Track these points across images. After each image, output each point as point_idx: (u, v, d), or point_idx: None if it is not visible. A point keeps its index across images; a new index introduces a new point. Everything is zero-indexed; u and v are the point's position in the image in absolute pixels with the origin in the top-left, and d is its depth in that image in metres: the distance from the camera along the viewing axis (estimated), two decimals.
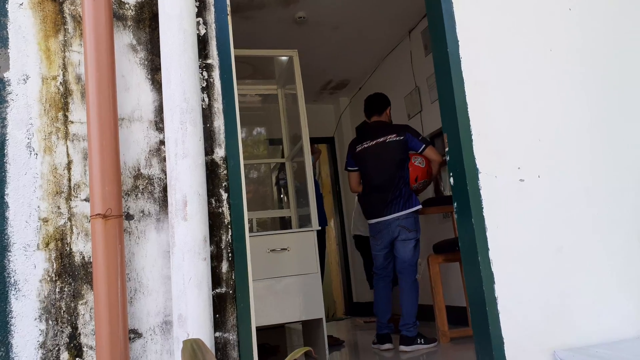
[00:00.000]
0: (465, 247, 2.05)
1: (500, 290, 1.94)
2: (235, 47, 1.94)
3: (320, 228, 3.56)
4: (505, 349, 1.89)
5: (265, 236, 3.25)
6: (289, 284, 3.22)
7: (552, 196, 2.09)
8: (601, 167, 2.17)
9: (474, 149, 2.05)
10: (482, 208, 2.01)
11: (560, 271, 2.04)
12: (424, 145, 3.51)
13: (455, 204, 2.12)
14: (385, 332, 3.59)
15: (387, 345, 3.56)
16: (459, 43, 2.10)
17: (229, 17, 1.91)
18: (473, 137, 2.05)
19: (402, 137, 3.53)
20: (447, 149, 2.15)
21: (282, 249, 3.24)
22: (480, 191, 2.02)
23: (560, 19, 2.26)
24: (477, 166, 2.04)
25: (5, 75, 1.66)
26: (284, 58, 3.91)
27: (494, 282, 1.95)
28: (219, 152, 1.78)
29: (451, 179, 2.13)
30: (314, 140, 3.62)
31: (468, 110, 2.07)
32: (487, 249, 1.97)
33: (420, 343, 3.41)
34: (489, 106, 2.10)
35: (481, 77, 2.09)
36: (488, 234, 1.99)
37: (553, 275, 2.03)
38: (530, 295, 1.98)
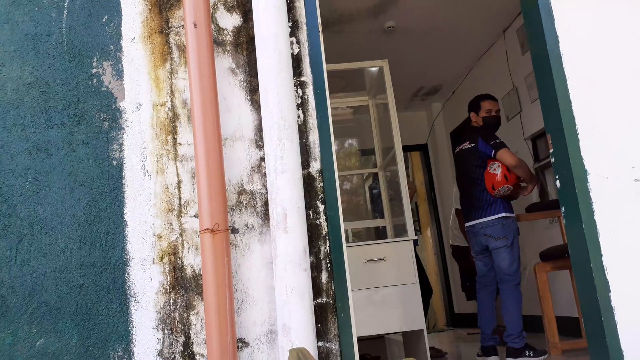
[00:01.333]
0: (576, 254, 1.93)
1: (618, 299, 1.80)
2: (326, 62, 1.99)
3: (416, 237, 3.53)
4: None
5: (362, 246, 3.27)
6: (387, 294, 3.21)
7: None
8: None
9: (581, 148, 1.93)
10: (593, 212, 1.89)
11: None
12: (494, 150, 3.36)
13: (563, 209, 2.01)
14: (489, 344, 3.46)
15: (493, 358, 3.42)
16: (559, 39, 2.00)
17: (321, 34, 1.97)
18: (579, 136, 1.94)
19: (473, 145, 3.45)
20: (551, 150, 2.05)
21: (378, 259, 3.23)
22: (590, 193, 1.90)
23: None
24: (586, 167, 1.92)
25: (121, 104, 1.83)
26: (374, 69, 3.93)
27: (609, 291, 1.82)
28: (315, 166, 1.83)
29: (557, 182, 2.03)
30: (406, 148, 3.60)
31: (572, 108, 1.96)
32: (601, 255, 1.85)
33: (529, 355, 3.24)
34: (595, 103, 1.97)
35: (585, 73, 1.98)
36: (600, 239, 1.86)
37: None
38: None
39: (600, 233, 1.87)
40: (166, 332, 1.70)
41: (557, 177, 2.02)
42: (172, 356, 1.68)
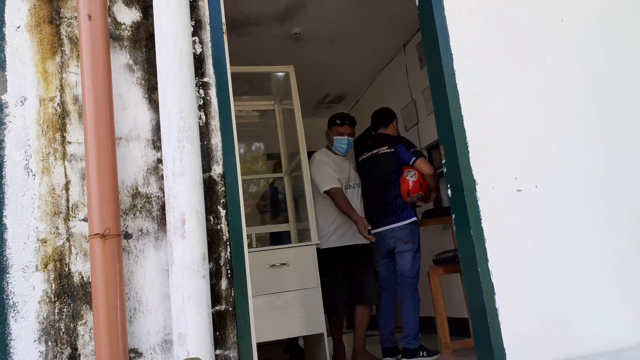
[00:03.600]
0: (465, 258, 2.05)
1: (501, 300, 1.94)
2: (231, 64, 1.96)
3: (319, 242, 3.56)
4: None
5: (265, 252, 3.24)
6: (289, 298, 3.21)
7: (550, 205, 2.09)
8: (599, 175, 2.18)
9: (470, 160, 2.06)
10: (481, 219, 2.01)
11: (560, 280, 2.03)
12: (414, 157, 3.50)
13: (453, 216, 2.12)
14: (387, 346, 3.57)
15: None
16: (453, 56, 2.12)
17: (225, 36, 1.93)
18: (469, 148, 2.07)
19: (393, 150, 3.54)
20: (444, 161, 2.16)
21: (281, 264, 3.23)
22: (478, 202, 2.03)
23: (553, 30, 2.28)
24: (475, 177, 2.04)
25: (2, 97, 1.68)
26: (280, 74, 3.93)
27: (494, 293, 1.94)
28: (217, 169, 1.79)
29: (449, 191, 2.14)
30: (311, 154, 3.64)
31: (464, 122, 2.08)
32: (487, 260, 1.97)
33: (422, 356, 3.39)
34: (485, 118, 2.11)
35: (476, 90, 2.11)
36: (487, 245, 1.99)
37: (553, 284, 2.02)
38: (531, 305, 1.98)
39: (487, 239, 1.99)
40: (50, 344, 1.57)
41: (448, 186, 2.13)
42: None
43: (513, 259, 2.00)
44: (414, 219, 3.49)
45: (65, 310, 1.60)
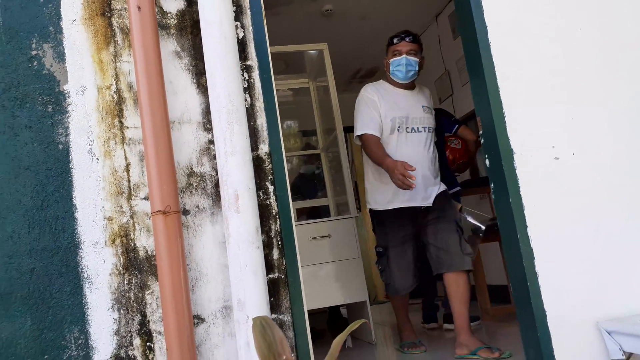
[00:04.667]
0: (504, 225, 2.11)
1: (541, 265, 1.99)
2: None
3: (357, 215, 3.65)
4: (548, 322, 1.95)
5: (307, 225, 3.37)
6: (331, 269, 3.33)
7: (587, 173, 2.12)
8: (638, 142, 2.18)
9: (507, 130, 2.10)
10: (519, 187, 2.06)
11: (600, 244, 2.07)
12: (457, 125, 3.58)
13: (492, 185, 2.18)
14: (430, 313, 3.69)
15: (433, 325, 3.65)
16: (487, 28, 2.14)
17: (264, 18, 2.01)
18: (506, 119, 2.10)
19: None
20: (481, 132, 2.21)
21: (323, 236, 3.34)
22: (516, 171, 2.07)
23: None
24: (512, 147, 2.09)
25: (64, 87, 1.81)
26: (313, 51, 3.99)
27: (534, 258, 2.00)
28: (263, 148, 1.89)
29: (487, 161, 2.19)
30: (347, 130, 3.70)
31: (500, 93, 2.12)
32: (526, 227, 2.02)
33: None
34: (521, 88, 2.14)
35: (511, 59, 2.14)
36: (526, 212, 2.04)
37: (593, 248, 2.07)
38: (571, 268, 2.03)
39: (526, 207, 2.04)
40: (122, 311, 1.72)
41: (486, 156, 2.18)
42: (129, 335, 1.72)
43: (552, 226, 2.05)
44: (458, 187, 3.54)
45: (133, 281, 1.75)
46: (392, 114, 2.86)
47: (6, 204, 1.70)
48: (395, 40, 2.98)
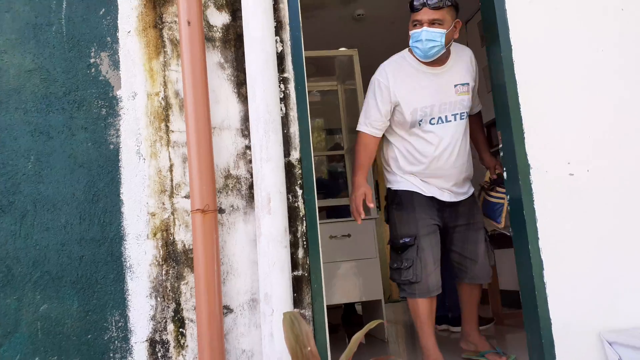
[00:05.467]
0: (517, 236, 2.23)
1: (550, 275, 2.11)
2: None
3: (377, 216, 3.78)
4: (553, 330, 2.07)
5: (327, 224, 3.52)
6: (349, 267, 3.48)
7: (600, 189, 2.22)
8: None
9: (525, 145, 2.21)
10: (533, 201, 2.17)
11: (609, 260, 2.17)
12: None
13: (508, 197, 2.30)
14: (441, 314, 3.81)
15: (444, 326, 3.77)
16: (512, 47, 2.25)
17: (302, 33, 2.16)
18: (525, 134, 2.22)
19: None
20: (500, 145, 2.33)
21: (343, 235, 3.49)
22: (532, 185, 2.18)
23: (613, 19, 2.36)
24: (529, 162, 2.20)
25: (117, 93, 1.99)
26: (344, 56, 4.13)
27: (543, 269, 2.12)
28: (294, 155, 2.05)
29: (505, 174, 2.31)
30: None
31: (520, 109, 2.23)
32: (537, 239, 2.14)
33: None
34: (541, 105, 2.24)
35: (533, 79, 2.25)
36: (539, 224, 2.15)
37: (601, 262, 2.17)
38: (579, 280, 2.13)
39: (538, 219, 2.16)
40: (159, 299, 1.91)
41: (504, 169, 2.31)
42: (164, 320, 1.90)
43: (562, 239, 2.16)
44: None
45: (170, 272, 1.93)
46: (413, 104, 2.38)
47: (62, 197, 1.90)
48: (415, 4, 2.36)
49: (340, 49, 4.05)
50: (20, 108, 1.92)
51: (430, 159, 2.42)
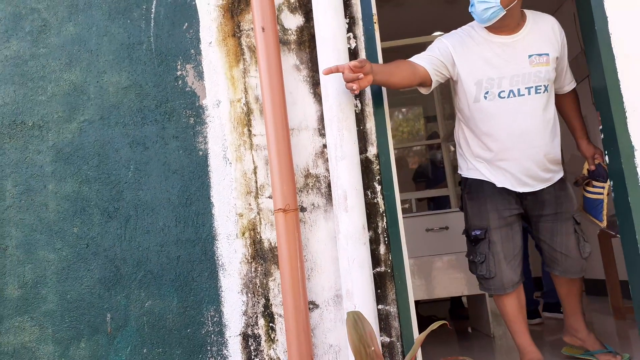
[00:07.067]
0: (623, 225, 2.04)
1: None
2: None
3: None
4: None
5: (422, 217, 3.46)
6: (450, 260, 3.39)
7: None
8: None
9: (628, 126, 2.02)
10: (639, 185, 1.98)
11: None
12: None
13: (611, 182, 2.12)
14: (532, 307, 3.61)
15: (537, 320, 3.57)
16: (608, 19, 2.06)
17: (376, 26, 2.14)
18: (627, 114, 2.03)
19: None
20: (600, 127, 2.14)
21: (440, 228, 3.41)
22: (637, 169, 1.99)
23: None
24: (633, 143, 2.01)
25: (203, 102, 2.11)
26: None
27: None
28: (372, 150, 2.04)
29: (606, 157, 2.13)
30: None
31: (620, 87, 2.04)
32: None
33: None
34: None
35: (633, 52, 2.04)
36: None
37: None
38: None
39: None
40: (249, 295, 2.01)
41: (606, 152, 2.12)
42: (255, 315, 2.00)
43: None
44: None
45: (259, 269, 2.02)
46: (477, 74, 2.17)
47: (159, 202, 2.06)
48: None
49: (434, 34, 3.93)
50: (119, 122, 2.11)
51: (502, 138, 2.18)
